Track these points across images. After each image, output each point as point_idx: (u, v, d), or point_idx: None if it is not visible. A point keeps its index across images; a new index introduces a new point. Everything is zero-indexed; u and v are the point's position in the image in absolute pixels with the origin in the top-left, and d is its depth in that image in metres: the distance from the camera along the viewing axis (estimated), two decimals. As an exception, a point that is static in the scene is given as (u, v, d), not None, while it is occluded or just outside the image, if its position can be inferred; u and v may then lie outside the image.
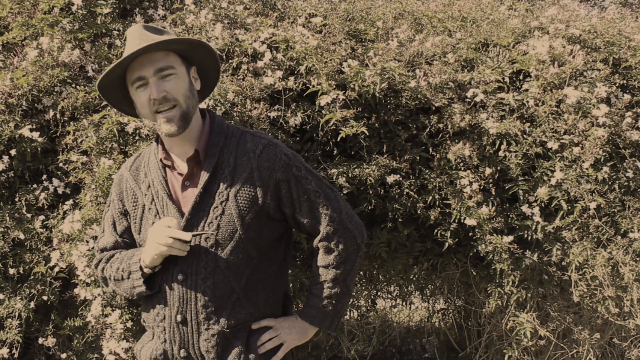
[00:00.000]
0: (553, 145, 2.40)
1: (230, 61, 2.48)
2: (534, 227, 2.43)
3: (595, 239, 2.45)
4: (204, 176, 1.53)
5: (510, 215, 2.46)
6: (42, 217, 2.40)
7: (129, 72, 1.51)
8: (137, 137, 2.32)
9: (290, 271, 2.13)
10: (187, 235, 1.47)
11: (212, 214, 1.52)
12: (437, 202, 2.42)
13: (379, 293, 3.69)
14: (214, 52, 1.60)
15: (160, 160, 1.59)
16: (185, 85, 1.52)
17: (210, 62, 1.62)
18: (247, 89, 2.36)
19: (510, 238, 2.37)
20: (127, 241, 1.67)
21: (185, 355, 1.56)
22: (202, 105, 2.25)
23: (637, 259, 2.44)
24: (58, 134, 2.48)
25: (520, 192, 2.45)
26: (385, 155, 2.42)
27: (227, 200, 1.52)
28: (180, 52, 1.54)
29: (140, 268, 1.55)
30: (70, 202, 2.36)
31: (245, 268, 1.55)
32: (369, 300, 3.61)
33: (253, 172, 1.54)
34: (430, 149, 2.48)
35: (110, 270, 1.64)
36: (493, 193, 2.43)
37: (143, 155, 1.69)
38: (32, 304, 2.32)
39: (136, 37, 1.50)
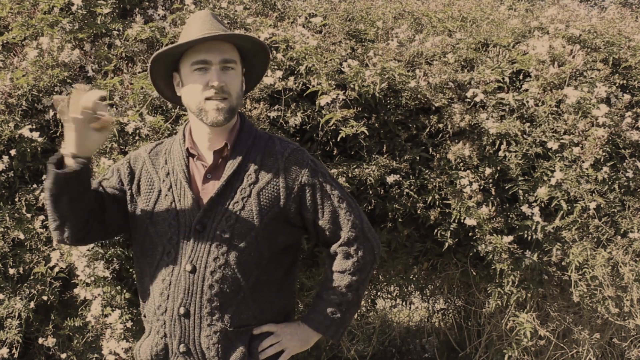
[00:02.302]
0: (553, 145, 2.40)
1: (230, 61, 2.48)
2: (534, 227, 2.43)
3: (595, 239, 2.45)
4: (228, 170, 1.55)
5: (510, 215, 2.46)
6: (42, 217, 2.39)
7: (191, 53, 1.53)
8: (137, 137, 2.32)
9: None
10: (92, 95, 1.34)
11: (231, 208, 1.52)
12: (437, 202, 2.42)
13: (379, 293, 3.68)
14: (268, 62, 1.67)
15: (187, 149, 1.60)
16: (239, 83, 1.57)
17: (258, 71, 1.69)
18: (247, 89, 2.36)
19: (510, 238, 2.37)
20: (105, 193, 1.58)
21: (184, 351, 1.54)
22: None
23: (637, 259, 2.44)
24: (58, 134, 2.48)
25: (520, 192, 2.45)
26: (385, 155, 2.42)
27: (249, 197, 1.53)
28: (244, 51, 1.59)
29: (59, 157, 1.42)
30: (70, 202, 2.35)
31: (255, 268, 1.55)
32: (369, 300, 3.60)
33: (279, 173, 1.56)
34: (430, 149, 2.48)
35: None
36: (493, 193, 2.43)
37: (165, 144, 1.69)
38: (32, 304, 2.32)
39: (207, 21, 1.55)
